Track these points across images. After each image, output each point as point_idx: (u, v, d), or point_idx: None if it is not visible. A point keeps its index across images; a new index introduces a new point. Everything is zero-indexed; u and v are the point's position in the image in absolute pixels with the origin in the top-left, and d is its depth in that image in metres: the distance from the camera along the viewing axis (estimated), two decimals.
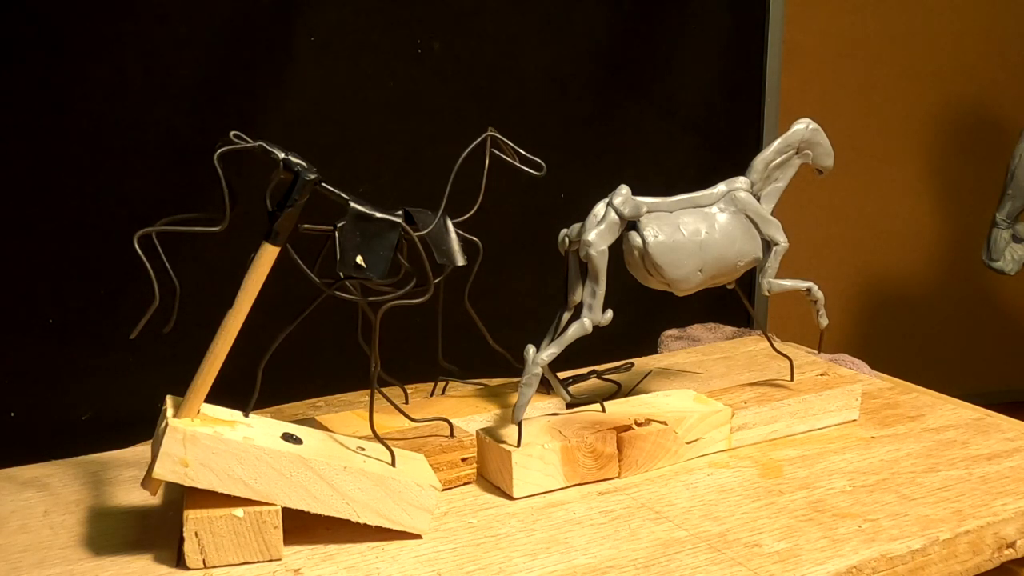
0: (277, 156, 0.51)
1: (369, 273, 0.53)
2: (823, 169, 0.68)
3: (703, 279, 0.63)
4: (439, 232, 0.56)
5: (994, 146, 2.27)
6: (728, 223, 0.64)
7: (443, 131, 1.12)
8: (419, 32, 1.11)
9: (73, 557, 0.52)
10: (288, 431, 0.54)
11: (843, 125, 1.96)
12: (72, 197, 0.98)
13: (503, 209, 1.15)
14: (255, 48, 1.02)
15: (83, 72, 0.96)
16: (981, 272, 2.05)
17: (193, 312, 0.54)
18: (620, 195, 0.61)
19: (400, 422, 0.62)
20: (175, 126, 1.00)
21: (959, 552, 0.55)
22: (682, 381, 0.78)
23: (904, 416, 0.72)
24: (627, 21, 1.26)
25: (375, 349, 0.55)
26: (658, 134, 1.33)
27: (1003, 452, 0.66)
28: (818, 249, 2.27)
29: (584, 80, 1.25)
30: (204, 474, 0.50)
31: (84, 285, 1.00)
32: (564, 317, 0.63)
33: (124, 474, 0.63)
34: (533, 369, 0.59)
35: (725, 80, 1.37)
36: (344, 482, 0.52)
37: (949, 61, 2.37)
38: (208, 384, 0.52)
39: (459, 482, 0.61)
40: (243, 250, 0.52)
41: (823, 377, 0.73)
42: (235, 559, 0.51)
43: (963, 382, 1.86)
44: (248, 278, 0.51)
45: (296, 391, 0.80)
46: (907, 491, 0.60)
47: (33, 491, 0.60)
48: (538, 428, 0.62)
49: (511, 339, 0.65)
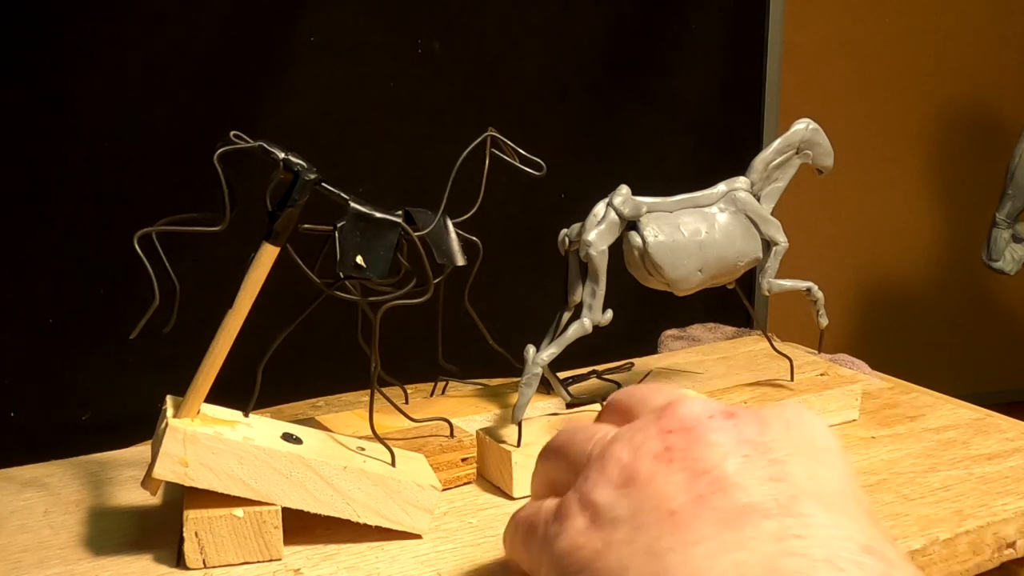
0: (277, 156, 0.51)
1: (369, 273, 0.53)
2: (823, 169, 0.68)
3: (703, 279, 0.63)
4: (439, 232, 0.56)
5: (994, 146, 2.27)
6: (728, 223, 0.64)
7: (443, 131, 1.12)
8: (419, 32, 1.11)
9: (73, 557, 0.52)
10: (288, 431, 0.54)
11: (843, 125, 1.96)
12: (72, 197, 0.98)
13: (503, 209, 1.15)
14: (255, 48, 1.03)
15: (83, 72, 0.96)
16: (981, 272, 2.05)
17: (193, 312, 0.54)
18: (620, 195, 0.61)
19: (400, 422, 0.62)
20: (175, 126, 1.00)
21: (959, 552, 0.55)
22: (682, 381, 0.78)
23: (904, 416, 0.72)
24: (627, 21, 1.26)
25: (375, 349, 0.55)
26: (658, 134, 1.33)
27: (1003, 452, 0.66)
28: (818, 249, 2.27)
29: (584, 80, 1.26)
30: (204, 474, 0.50)
31: (84, 285, 1.00)
32: (564, 317, 0.63)
33: (124, 474, 0.63)
34: (533, 369, 0.60)
35: (725, 80, 1.37)
36: (344, 482, 0.52)
37: (949, 61, 2.37)
38: (208, 384, 0.52)
39: (459, 482, 0.61)
40: (243, 250, 0.52)
41: (823, 377, 0.73)
42: (235, 559, 0.51)
43: (963, 382, 1.87)
44: (248, 278, 0.51)
45: (296, 391, 0.80)
46: (907, 491, 0.60)
47: (33, 491, 0.60)
48: (538, 428, 0.62)
49: (511, 339, 0.65)
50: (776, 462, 0.34)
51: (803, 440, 0.36)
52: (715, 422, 0.36)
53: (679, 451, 0.35)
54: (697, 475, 0.34)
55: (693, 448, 0.35)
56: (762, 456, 0.34)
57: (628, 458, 0.36)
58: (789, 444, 0.35)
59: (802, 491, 0.33)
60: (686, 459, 0.35)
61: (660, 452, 0.35)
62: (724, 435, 0.35)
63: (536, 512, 0.40)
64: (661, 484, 0.34)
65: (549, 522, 0.38)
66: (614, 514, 0.35)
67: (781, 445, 0.35)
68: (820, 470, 0.34)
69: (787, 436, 0.36)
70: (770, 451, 0.35)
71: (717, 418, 0.36)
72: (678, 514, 0.33)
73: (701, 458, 0.34)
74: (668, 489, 0.34)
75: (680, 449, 0.35)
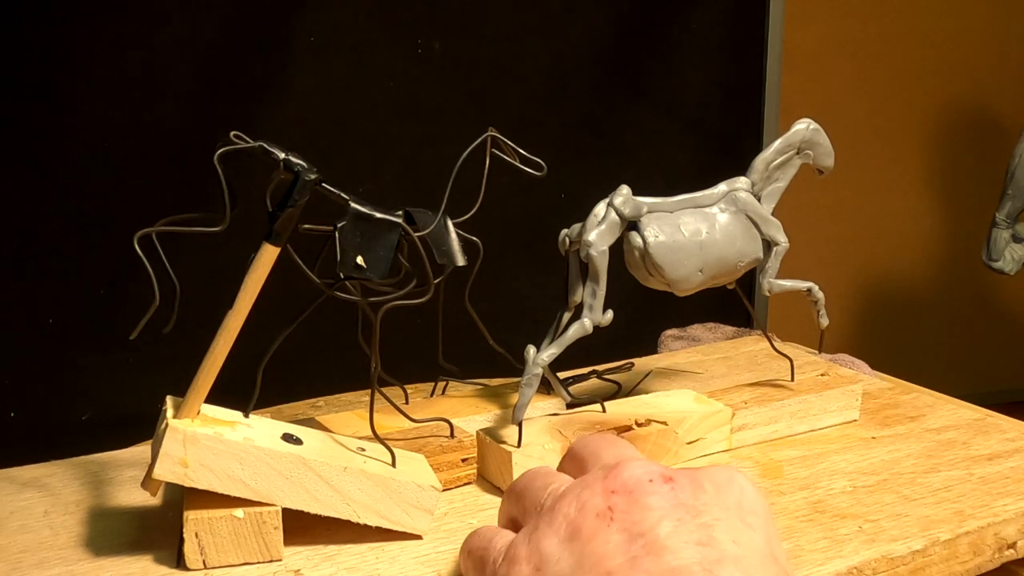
0: (277, 156, 0.50)
1: (369, 273, 0.53)
2: (824, 169, 0.68)
3: (703, 279, 0.63)
4: (439, 232, 0.56)
5: (994, 146, 2.27)
6: (729, 223, 0.64)
7: (443, 131, 1.12)
8: (419, 32, 1.11)
9: (73, 558, 0.52)
10: (288, 432, 0.54)
11: (843, 125, 1.96)
12: (72, 197, 0.98)
13: (504, 209, 1.15)
14: (255, 48, 1.03)
15: (83, 72, 0.96)
16: (981, 272, 2.05)
17: (193, 312, 0.54)
18: (621, 195, 0.61)
19: (400, 422, 0.62)
20: (175, 126, 1.00)
21: (960, 553, 0.55)
22: (682, 381, 0.78)
23: (905, 416, 0.72)
24: (627, 21, 1.27)
25: (375, 350, 0.55)
26: (658, 134, 1.33)
27: (1004, 452, 0.66)
28: (817, 249, 2.28)
29: (584, 80, 1.26)
30: (204, 475, 0.50)
31: (84, 285, 1.00)
32: (564, 317, 0.63)
33: (124, 474, 0.63)
34: (533, 370, 0.59)
35: (725, 80, 1.37)
36: (344, 483, 0.52)
37: (949, 61, 2.37)
38: (208, 385, 0.52)
39: (459, 482, 0.61)
40: (243, 250, 0.52)
41: (824, 377, 0.73)
42: (235, 560, 0.51)
43: (963, 382, 1.87)
44: (248, 278, 0.51)
45: (296, 391, 0.80)
46: (908, 491, 0.60)
47: (33, 491, 0.60)
48: (538, 428, 0.62)
49: (511, 339, 0.65)
50: (705, 526, 0.38)
51: (732, 503, 0.39)
52: (654, 486, 0.39)
53: (619, 512, 0.39)
54: (633, 537, 0.37)
55: (632, 511, 0.39)
56: (693, 520, 0.38)
57: (574, 514, 0.40)
58: (719, 508, 0.39)
59: (725, 555, 0.36)
60: (624, 520, 0.38)
61: (603, 511, 0.39)
62: (661, 499, 0.39)
63: (488, 545, 0.44)
64: (601, 543, 0.38)
65: (498, 562, 0.42)
66: (558, 568, 0.38)
67: (711, 509, 0.39)
68: (745, 534, 0.38)
69: (718, 500, 0.39)
70: (700, 515, 0.38)
71: (656, 482, 0.40)
72: (614, 574, 0.36)
73: (638, 521, 0.38)
74: (607, 548, 0.37)
75: (620, 510, 0.39)
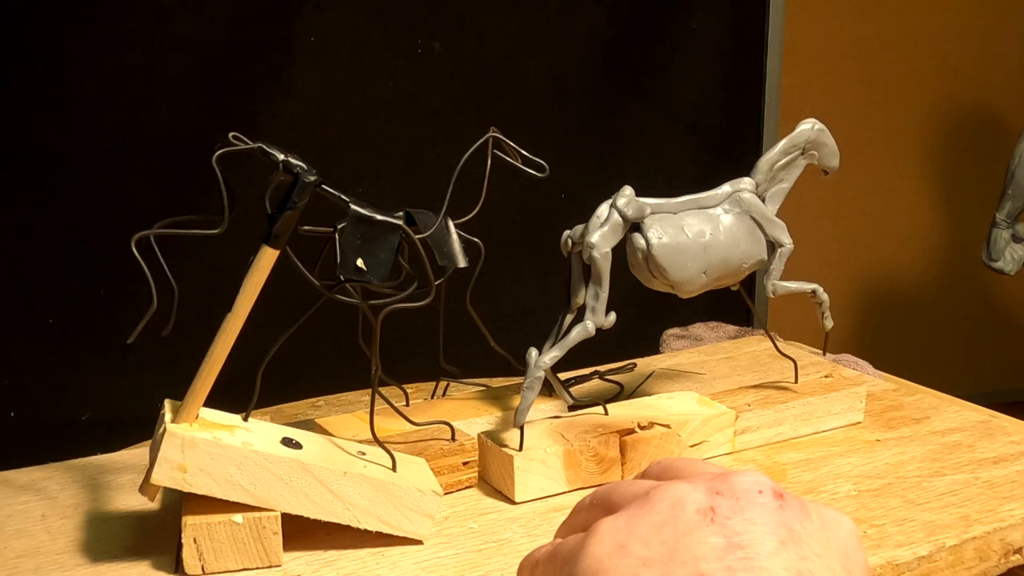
0: (277, 158, 0.50)
1: (370, 276, 0.52)
2: (829, 170, 0.68)
3: (707, 281, 0.63)
4: (440, 234, 0.55)
5: (994, 146, 2.27)
6: (733, 225, 0.63)
7: (443, 131, 1.12)
8: (419, 32, 1.11)
9: (70, 563, 0.52)
10: (288, 435, 0.53)
11: (843, 125, 1.96)
12: (72, 197, 0.98)
13: (505, 210, 1.15)
14: (255, 48, 1.02)
15: (84, 73, 0.96)
16: (981, 272, 2.05)
17: (192, 315, 0.53)
18: (624, 196, 0.60)
19: (401, 425, 0.61)
20: (175, 126, 1.00)
21: (966, 558, 0.55)
22: (685, 382, 0.77)
23: (909, 418, 0.72)
24: (627, 21, 1.26)
25: (376, 353, 0.55)
26: (658, 134, 1.33)
27: (1009, 456, 0.65)
28: (818, 249, 2.27)
29: (584, 80, 1.25)
30: (203, 479, 0.49)
31: (84, 285, 1.00)
32: (567, 319, 0.63)
33: (122, 478, 0.62)
34: (535, 373, 0.59)
35: (725, 80, 1.37)
36: (344, 487, 0.52)
37: (949, 61, 2.37)
38: (207, 388, 0.51)
39: (460, 486, 0.61)
40: (242, 253, 0.51)
41: (827, 379, 0.72)
42: (234, 565, 0.50)
43: (963, 382, 1.86)
44: (247, 281, 0.51)
45: (296, 391, 0.80)
46: (912, 496, 0.59)
47: (30, 495, 0.60)
48: (540, 431, 0.61)
49: (513, 341, 0.64)
50: (805, 558, 0.35)
51: (836, 545, 0.37)
52: (763, 498, 0.37)
53: (721, 515, 0.36)
54: (732, 547, 0.35)
55: (734, 517, 0.36)
56: (796, 547, 0.35)
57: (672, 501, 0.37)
58: (822, 545, 0.36)
59: None
60: (725, 526, 0.36)
61: (704, 509, 0.36)
62: (767, 514, 0.36)
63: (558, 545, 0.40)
64: (697, 541, 0.35)
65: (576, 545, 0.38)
66: (646, 551, 0.36)
67: (815, 544, 0.36)
68: None
69: (823, 536, 0.37)
70: (803, 544, 0.36)
71: (766, 494, 0.37)
72: None
73: (740, 531, 0.35)
74: (703, 549, 0.35)
75: (723, 514, 0.36)
